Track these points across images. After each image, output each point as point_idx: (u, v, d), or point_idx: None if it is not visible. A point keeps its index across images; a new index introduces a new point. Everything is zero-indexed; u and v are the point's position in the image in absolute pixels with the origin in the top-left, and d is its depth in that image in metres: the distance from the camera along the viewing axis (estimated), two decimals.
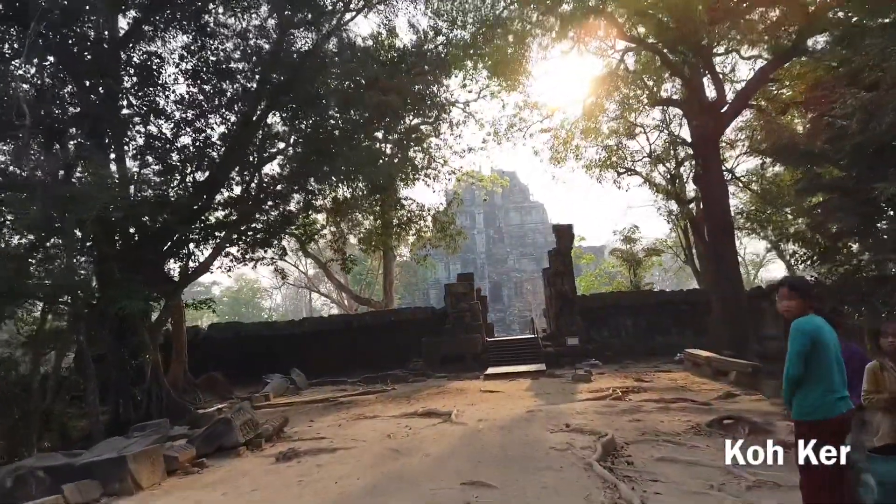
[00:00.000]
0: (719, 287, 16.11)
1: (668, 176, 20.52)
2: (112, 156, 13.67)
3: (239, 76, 14.30)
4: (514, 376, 14.62)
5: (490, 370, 15.66)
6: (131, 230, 13.81)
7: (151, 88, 13.81)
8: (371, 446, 6.38)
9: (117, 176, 13.07)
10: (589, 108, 20.02)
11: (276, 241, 16.12)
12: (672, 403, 8.59)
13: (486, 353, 18.00)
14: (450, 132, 24.49)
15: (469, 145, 35.21)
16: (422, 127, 24.00)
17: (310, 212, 18.73)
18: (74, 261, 11.55)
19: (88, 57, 12.96)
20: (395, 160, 23.19)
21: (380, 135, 22.74)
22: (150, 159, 14.46)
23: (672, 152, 20.38)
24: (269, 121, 16.11)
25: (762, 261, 45.05)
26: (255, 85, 14.68)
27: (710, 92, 17.83)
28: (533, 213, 57.45)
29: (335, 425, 8.56)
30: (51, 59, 12.64)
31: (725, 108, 16.08)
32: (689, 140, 20.79)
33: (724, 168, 18.94)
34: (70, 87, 13.01)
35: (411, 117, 21.27)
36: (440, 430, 6.98)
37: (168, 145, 14.43)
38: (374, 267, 36.19)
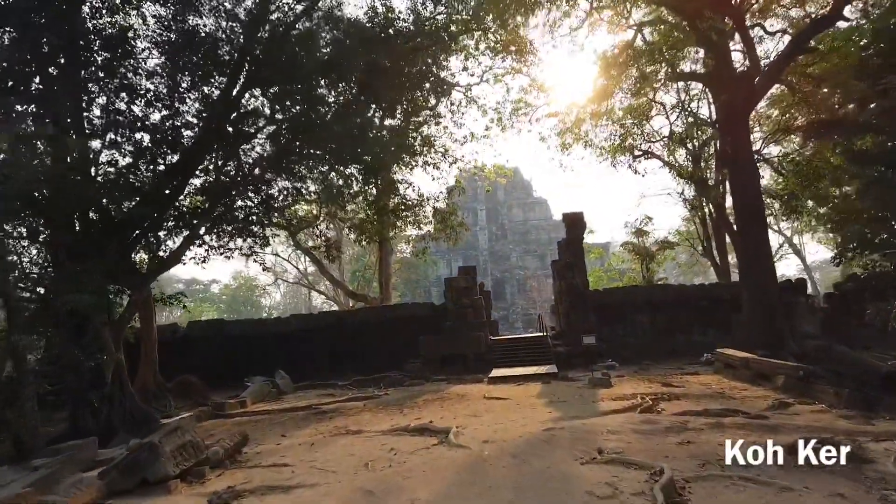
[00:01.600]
0: (749, 279, 14.45)
1: (691, 157, 18.81)
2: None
3: (218, 47, 12.83)
4: (523, 379, 13.02)
5: (495, 372, 14.06)
6: (92, 216, 12.36)
7: (121, 60, 12.31)
8: (340, 482, 4.78)
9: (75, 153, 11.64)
10: (600, 88, 18.40)
11: (257, 230, 14.57)
12: (723, 417, 6.97)
13: (491, 352, 16.39)
14: (450, 116, 23.03)
15: (471, 130, 33.61)
16: (421, 113, 22.54)
17: (297, 199, 17.23)
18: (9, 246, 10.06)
19: (42, 20, 11.43)
20: (393, 147, 21.65)
21: (376, 121, 21.24)
22: (117, 138, 12.93)
23: (695, 132, 18.69)
24: (249, 96, 14.67)
25: (774, 256, 43.29)
26: (235, 56, 13.19)
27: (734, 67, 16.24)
28: (536, 210, 56.11)
29: (307, 444, 6.98)
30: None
31: (757, 80, 14.40)
32: (710, 119, 19.18)
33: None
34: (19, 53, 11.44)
35: (408, 97, 19.69)
36: (434, 458, 5.38)
37: (137, 123, 12.91)
38: (372, 263, 34.63)
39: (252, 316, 53.06)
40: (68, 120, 11.87)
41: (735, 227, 15.09)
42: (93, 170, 12.18)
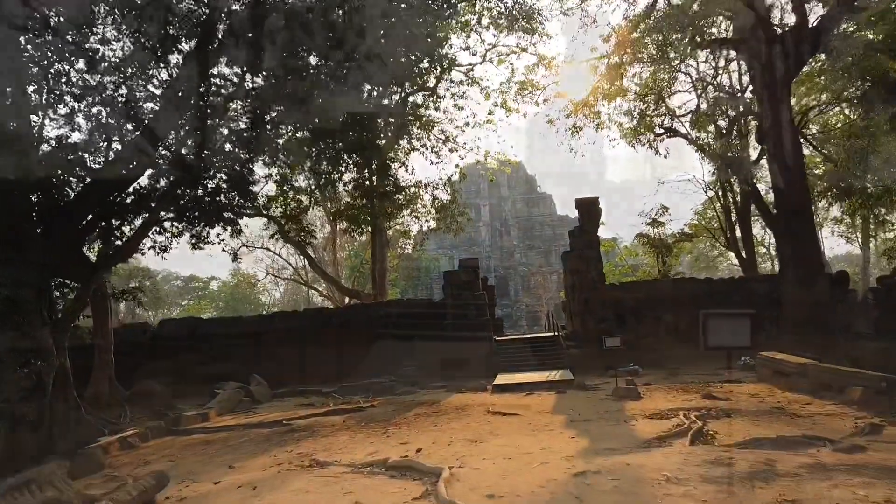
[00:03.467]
0: (793, 271, 12.60)
1: (718, 134, 16.87)
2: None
3: (189, 9, 11.19)
4: (533, 387, 11.22)
5: (500, 378, 12.25)
6: (34, 197, 10.67)
7: (77, 25, 10.60)
8: None
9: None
10: (616, 63, 16.55)
11: (229, 216, 12.87)
12: (810, 448, 5.13)
13: (495, 355, 14.57)
14: (450, 97, 21.25)
15: (473, 112, 31.80)
16: (419, 94, 20.82)
17: (282, 186, 15.50)
18: None
19: None
20: (390, 131, 19.88)
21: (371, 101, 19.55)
22: (68, 109, 11.23)
23: (725, 108, 16.75)
24: (220, 62, 12.97)
25: None
26: (205, 18, 11.48)
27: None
28: (540, 205, 54.37)
29: (249, 486, 5.18)
30: None
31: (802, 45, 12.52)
32: (740, 93, 17.26)
33: None
34: None
35: (404, 73, 17.89)
36: None
37: (92, 94, 11.20)
38: (370, 258, 32.83)
39: (252, 314, 51.26)
40: (8, 89, 10.18)
41: (775, 211, 13.20)
42: (37, 145, 10.56)
